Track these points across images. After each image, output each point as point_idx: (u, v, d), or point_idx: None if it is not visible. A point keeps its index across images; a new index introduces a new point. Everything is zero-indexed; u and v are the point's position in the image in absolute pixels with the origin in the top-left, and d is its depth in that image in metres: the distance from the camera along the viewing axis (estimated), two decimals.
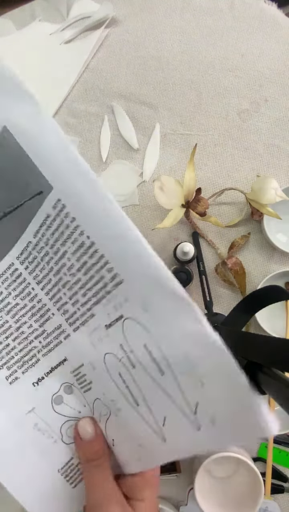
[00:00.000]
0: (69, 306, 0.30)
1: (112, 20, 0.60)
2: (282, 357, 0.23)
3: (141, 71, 0.59)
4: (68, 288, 0.30)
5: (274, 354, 0.24)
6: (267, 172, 0.57)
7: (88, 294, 0.29)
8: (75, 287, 0.29)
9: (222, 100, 0.58)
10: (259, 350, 0.26)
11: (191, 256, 0.49)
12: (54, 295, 0.31)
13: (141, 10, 0.60)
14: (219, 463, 0.51)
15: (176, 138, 0.58)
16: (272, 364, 0.26)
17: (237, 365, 0.23)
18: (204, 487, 0.50)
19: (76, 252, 0.28)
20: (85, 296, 0.29)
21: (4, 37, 0.62)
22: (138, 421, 0.29)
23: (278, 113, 0.58)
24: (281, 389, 0.24)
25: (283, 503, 0.57)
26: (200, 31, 0.59)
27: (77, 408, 0.33)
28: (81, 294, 0.29)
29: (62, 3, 0.62)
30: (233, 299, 0.57)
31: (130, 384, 0.29)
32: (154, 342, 0.27)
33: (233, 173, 0.58)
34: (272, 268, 0.57)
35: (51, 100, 0.60)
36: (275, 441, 0.56)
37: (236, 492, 0.52)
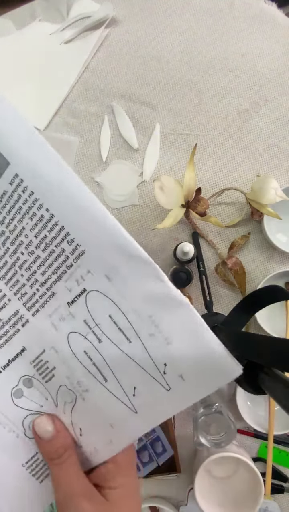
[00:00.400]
0: (27, 288, 0.29)
1: (112, 20, 0.60)
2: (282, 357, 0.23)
3: (141, 71, 0.59)
4: (26, 269, 0.29)
5: (275, 354, 0.24)
6: (267, 172, 0.57)
7: (48, 272, 0.28)
8: (34, 266, 0.28)
9: (222, 100, 0.58)
10: (259, 350, 0.26)
11: (191, 256, 0.49)
12: (11, 278, 0.29)
13: (142, 10, 0.60)
14: (219, 463, 0.51)
15: (176, 138, 0.58)
16: (272, 364, 0.26)
17: (200, 317, 0.25)
18: (204, 487, 0.50)
19: (34, 227, 0.28)
20: (45, 274, 0.28)
21: (4, 37, 0.62)
22: (108, 398, 0.28)
23: (278, 113, 0.58)
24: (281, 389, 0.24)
25: (283, 503, 0.57)
26: (200, 31, 0.59)
27: (39, 401, 0.31)
28: (40, 272, 0.29)
29: (62, 3, 0.62)
30: (233, 299, 0.57)
31: (97, 360, 0.28)
32: (119, 310, 0.27)
33: (233, 173, 0.58)
34: (272, 268, 0.57)
35: (51, 100, 0.60)
36: (275, 441, 0.56)
37: (236, 492, 0.52)
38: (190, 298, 0.53)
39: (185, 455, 0.58)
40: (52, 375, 0.30)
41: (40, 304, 0.29)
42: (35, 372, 0.31)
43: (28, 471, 0.31)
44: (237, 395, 0.54)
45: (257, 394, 0.27)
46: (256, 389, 0.27)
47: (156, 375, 0.27)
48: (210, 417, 0.47)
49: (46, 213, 0.27)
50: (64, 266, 0.28)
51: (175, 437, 0.57)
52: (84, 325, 0.28)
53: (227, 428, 0.46)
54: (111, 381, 0.28)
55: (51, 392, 0.31)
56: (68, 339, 0.29)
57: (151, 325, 0.26)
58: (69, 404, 0.30)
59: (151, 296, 0.26)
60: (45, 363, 0.30)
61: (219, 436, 0.46)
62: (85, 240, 0.27)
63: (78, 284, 0.28)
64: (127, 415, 0.28)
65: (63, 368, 0.30)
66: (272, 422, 0.54)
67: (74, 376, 0.29)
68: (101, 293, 0.28)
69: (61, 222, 0.27)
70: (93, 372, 0.29)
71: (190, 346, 0.25)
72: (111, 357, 0.28)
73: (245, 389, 0.28)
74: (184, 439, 0.58)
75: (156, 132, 0.58)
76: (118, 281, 0.27)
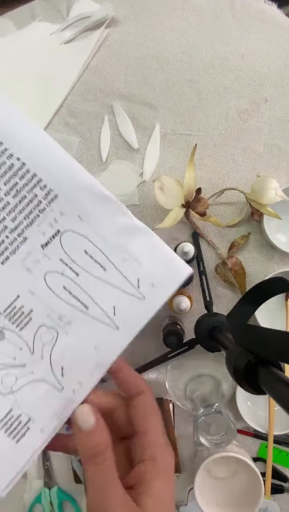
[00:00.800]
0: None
1: (112, 20, 0.60)
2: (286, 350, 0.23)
3: (141, 71, 0.59)
4: None
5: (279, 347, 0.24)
6: (267, 172, 0.57)
7: (18, 218, 0.30)
8: (3, 213, 0.30)
9: (222, 100, 0.58)
10: (264, 343, 0.26)
11: (191, 256, 0.49)
12: None
13: (142, 10, 0.60)
14: (219, 463, 0.51)
15: (176, 138, 0.58)
16: (277, 357, 0.26)
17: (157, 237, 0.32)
18: (204, 487, 0.50)
19: (4, 175, 0.29)
20: (15, 220, 0.30)
21: (4, 37, 0.62)
22: (91, 324, 0.31)
23: (278, 113, 0.58)
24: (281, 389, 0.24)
25: (283, 503, 0.57)
26: (200, 31, 0.59)
27: (12, 353, 0.31)
28: (10, 219, 0.30)
29: (62, 3, 0.62)
30: (233, 299, 0.57)
31: (76, 292, 0.31)
32: (93, 245, 0.31)
33: (233, 173, 0.58)
34: (272, 268, 0.57)
35: (51, 100, 0.60)
36: (275, 441, 0.56)
37: (236, 492, 0.52)
38: (190, 298, 0.53)
39: (185, 455, 0.58)
40: (29, 319, 0.31)
41: (11, 251, 0.30)
42: (7, 322, 0.31)
43: (3, 430, 0.30)
44: (237, 395, 0.54)
45: (257, 394, 0.27)
46: (256, 389, 0.27)
47: (132, 291, 0.32)
48: (210, 417, 0.47)
49: (17, 162, 0.29)
50: (37, 211, 0.30)
51: (175, 437, 0.57)
52: (60, 263, 0.31)
53: (227, 428, 0.46)
54: (92, 307, 0.31)
55: (27, 339, 0.31)
56: (45, 279, 0.31)
57: (123, 252, 0.31)
58: (49, 345, 0.31)
59: (119, 228, 0.31)
60: (20, 309, 0.31)
61: (219, 436, 0.46)
62: (57, 185, 0.30)
63: (51, 226, 0.30)
64: (110, 333, 0.31)
65: (42, 308, 0.31)
66: (272, 422, 0.54)
67: (55, 312, 0.31)
68: (75, 232, 0.31)
69: (33, 169, 0.29)
70: (73, 304, 0.31)
71: (155, 260, 0.32)
72: (90, 287, 0.31)
73: (245, 389, 0.28)
74: (184, 439, 0.58)
75: (155, 132, 0.58)
76: (90, 220, 0.31)
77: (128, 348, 0.33)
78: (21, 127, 0.29)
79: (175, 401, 0.55)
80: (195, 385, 0.55)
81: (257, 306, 0.34)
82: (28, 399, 0.31)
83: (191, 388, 0.54)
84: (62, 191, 0.30)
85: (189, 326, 0.56)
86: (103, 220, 0.31)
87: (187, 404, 0.54)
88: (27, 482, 0.59)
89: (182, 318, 0.57)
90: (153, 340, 0.57)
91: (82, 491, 0.57)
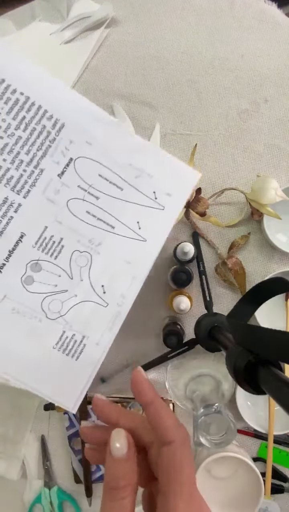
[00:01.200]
0: (13, 171, 0.30)
1: (112, 20, 0.60)
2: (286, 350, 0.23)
3: (141, 71, 0.59)
4: (8, 152, 0.30)
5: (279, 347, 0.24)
6: (267, 172, 0.57)
7: (32, 150, 0.31)
8: (16, 147, 0.30)
9: (222, 100, 0.58)
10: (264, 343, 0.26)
11: (191, 256, 0.49)
12: None
13: (142, 10, 0.60)
14: (219, 463, 0.51)
15: (176, 138, 0.58)
16: (277, 357, 0.26)
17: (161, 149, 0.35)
18: (204, 487, 0.50)
19: (11, 111, 0.30)
20: (30, 152, 0.31)
21: (4, 37, 0.62)
22: (120, 241, 0.33)
23: (278, 113, 0.58)
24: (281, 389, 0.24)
25: (283, 503, 0.57)
26: (200, 31, 0.59)
27: (52, 281, 0.32)
28: (24, 152, 0.31)
29: (62, 3, 0.62)
30: (233, 299, 0.57)
31: (100, 214, 0.33)
32: (105, 168, 0.33)
33: (233, 173, 0.58)
34: (272, 268, 0.57)
35: None
36: (275, 441, 0.56)
37: (236, 492, 0.52)
38: (190, 298, 0.53)
39: None
40: (62, 247, 0.32)
41: (30, 184, 0.31)
42: (41, 253, 0.32)
43: (60, 351, 0.32)
44: (237, 395, 0.54)
45: (257, 394, 0.27)
46: (256, 389, 0.27)
47: (150, 203, 0.34)
48: (210, 417, 0.47)
49: (21, 96, 0.30)
50: (48, 141, 0.31)
51: None
52: (79, 189, 0.32)
53: (227, 428, 0.46)
54: (117, 226, 0.33)
55: (64, 266, 0.32)
56: (68, 207, 0.32)
57: (134, 170, 0.34)
58: (85, 267, 0.33)
59: (126, 149, 0.33)
60: (51, 239, 0.32)
61: (219, 436, 0.46)
62: (62, 114, 0.31)
63: (64, 155, 0.32)
64: (139, 246, 0.34)
65: (72, 235, 0.32)
66: (272, 422, 0.54)
67: (85, 236, 0.32)
68: (86, 157, 0.32)
69: (37, 102, 0.31)
70: (100, 226, 0.33)
71: (165, 172, 0.34)
72: (111, 207, 0.33)
73: (245, 389, 0.28)
74: None
75: (155, 132, 0.58)
76: (98, 144, 0.32)
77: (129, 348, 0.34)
78: (21, 63, 0.30)
79: (175, 401, 0.55)
80: (195, 385, 0.55)
81: (257, 306, 0.34)
82: (77, 319, 0.33)
83: (191, 388, 0.54)
84: (68, 119, 0.31)
85: (189, 326, 0.56)
86: (110, 143, 0.33)
87: (187, 404, 0.54)
88: (27, 482, 0.59)
89: (182, 318, 0.57)
90: (153, 340, 0.57)
91: (82, 491, 0.57)
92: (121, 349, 0.56)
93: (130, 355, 0.57)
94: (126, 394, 0.57)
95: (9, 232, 0.31)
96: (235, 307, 0.34)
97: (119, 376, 0.57)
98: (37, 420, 0.59)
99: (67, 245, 0.32)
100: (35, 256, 0.32)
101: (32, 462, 0.58)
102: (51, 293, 0.32)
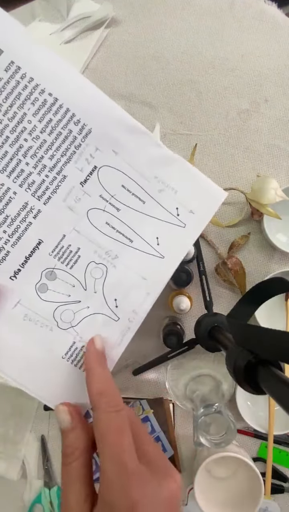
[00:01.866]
0: (35, 176, 0.29)
1: (112, 20, 0.60)
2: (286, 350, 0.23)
3: (141, 71, 0.59)
4: (31, 156, 0.29)
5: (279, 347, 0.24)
6: (267, 172, 0.57)
7: (56, 155, 0.30)
8: (40, 151, 0.29)
9: (222, 100, 0.58)
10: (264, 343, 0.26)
11: (191, 256, 0.49)
12: (14, 169, 0.29)
13: (142, 10, 0.60)
14: (219, 463, 0.51)
15: (176, 138, 0.58)
16: (276, 357, 0.26)
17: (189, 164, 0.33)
18: (204, 487, 0.50)
19: (38, 112, 0.29)
20: (53, 158, 0.30)
21: None
22: (138, 255, 0.32)
23: (278, 113, 0.58)
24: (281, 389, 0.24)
25: (283, 503, 0.57)
26: (200, 31, 0.59)
27: (66, 291, 0.32)
28: (48, 157, 0.29)
29: (62, 3, 0.62)
30: (233, 299, 0.57)
31: (119, 227, 0.32)
32: (129, 179, 0.32)
33: (233, 173, 0.58)
34: (272, 268, 0.57)
35: None
36: (275, 441, 0.56)
37: (236, 492, 0.52)
38: (190, 298, 0.53)
39: (185, 455, 0.58)
40: (78, 257, 0.31)
41: (52, 190, 0.30)
42: (57, 262, 0.31)
43: (69, 362, 0.32)
44: (237, 395, 0.54)
45: (257, 394, 0.27)
46: (256, 389, 0.27)
47: (171, 220, 0.33)
48: (210, 417, 0.47)
49: (50, 97, 0.29)
50: (73, 147, 0.30)
51: (175, 437, 0.57)
52: (100, 199, 0.31)
53: (227, 428, 0.46)
54: (136, 240, 0.32)
55: (78, 276, 0.32)
56: (88, 217, 0.31)
57: (158, 183, 0.32)
58: (100, 279, 0.32)
59: (153, 160, 0.32)
60: (68, 248, 0.31)
61: (219, 436, 0.46)
62: (90, 119, 0.30)
63: (88, 162, 0.30)
64: (156, 262, 0.33)
65: (89, 245, 0.31)
66: (272, 422, 0.54)
67: (102, 248, 0.32)
68: (111, 167, 0.31)
69: (66, 104, 0.29)
70: (118, 238, 0.32)
71: (191, 188, 0.33)
72: (131, 220, 0.32)
73: (245, 389, 0.28)
74: (184, 439, 0.58)
75: (155, 132, 0.58)
76: (124, 153, 0.31)
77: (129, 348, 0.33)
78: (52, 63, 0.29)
79: (175, 401, 0.55)
80: (195, 385, 0.55)
81: (257, 306, 0.34)
82: (88, 331, 0.32)
83: (191, 388, 0.54)
84: (96, 125, 0.30)
85: (189, 326, 0.56)
86: (137, 152, 0.31)
87: (187, 404, 0.54)
88: (27, 482, 0.59)
89: (182, 318, 0.57)
90: (153, 340, 0.57)
91: None
92: None
93: (130, 355, 0.57)
94: (126, 394, 0.57)
95: (27, 238, 0.30)
96: (235, 307, 0.34)
97: (119, 376, 0.57)
98: (37, 420, 0.59)
99: (83, 255, 0.32)
100: (51, 264, 0.31)
101: (32, 462, 0.58)
102: (64, 303, 0.32)
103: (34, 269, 0.31)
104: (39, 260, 0.31)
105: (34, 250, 0.30)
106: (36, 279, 0.31)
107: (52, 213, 0.30)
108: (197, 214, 0.33)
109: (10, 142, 0.28)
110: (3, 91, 0.28)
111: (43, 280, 0.31)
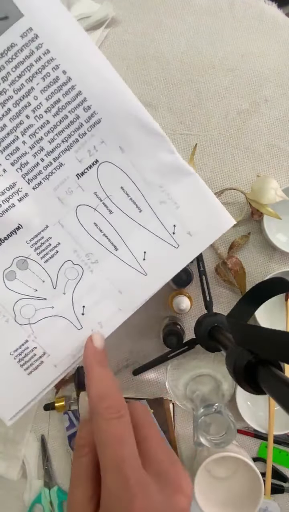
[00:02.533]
0: (30, 157, 0.27)
1: (112, 20, 0.60)
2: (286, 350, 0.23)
3: (141, 71, 0.59)
4: (30, 135, 0.27)
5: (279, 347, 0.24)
6: (267, 172, 0.57)
7: (57, 140, 0.27)
8: (40, 132, 0.27)
9: (222, 100, 0.58)
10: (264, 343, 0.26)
11: None
12: (9, 145, 0.27)
13: (142, 10, 0.60)
14: (219, 463, 0.51)
15: (176, 138, 0.58)
16: (276, 357, 0.26)
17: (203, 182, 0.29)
18: (204, 487, 0.50)
19: (47, 89, 0.26)
20: (53, 142, 0.27)
21: None
22: (119, 266, 0.30)
23: (278, 113, 0.58)
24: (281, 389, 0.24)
25: (283, 503, 0.57)
26: (200, 31, 0.59)
27: (34, 285, 0.29)
28: (47, 140, 0.27)
29: (62, 3, 0.62)
30: (233, 299, 0.57)
31: (107, 231, 0.29)
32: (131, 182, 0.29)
33: (233, 173, 0.58)
34: (272, 268, 0.57)
35: None
36: (275, 441, 0.56)
37: (236, 492, 0.52)
38: (190, 298, 0.53)
39: (185, 455, 0.58)
40: (56, 252, 0.29)
41: (44, 176, 0.28)
42: (32, 252, 0.29)
43: (16, 360, 0.29)
44: (237, 395, 0.54)
45: (257, 394, 0.27)
46: (256, 389, 0.27)
47: (165, 237, 0.30)
48: (210, 417, 0.47)
49: (63, 75, 0.26)
50: (77, 134, 0.27)
51: (175, 437, 0.57)
52: (94, 197, 0.29)
53: (227, 428, 0.46)
54: (121, 248, 0.29)
55: (51, 273, 0.29)
56: (76, 212, 0.29)
57: (161, 194, 0.29)
58: (73, 281, 0.29)
59: (161, 167, 0.29)
60: (47, 240, 0.29)
61: (219, 436, 0.46)
62: (102, 108, 0.27)
63: (90, 154, 0.28)
64: (137, 278, 0.29)
65: (70, 243, 0.29)
66: (272, 422, 0.54)
67: (83, 249, 0.29)
68: (114, 164, 0.28)
69: (78, 86, 0.26)
70: (103, 243, 0.29)
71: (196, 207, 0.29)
72: (122, 227, 0.29)
73: (245, 389, 0.28)
74: (184, 439, 0.58)
75: None
76: (131, 153, 0.28)
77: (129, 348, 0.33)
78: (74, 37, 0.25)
79: (175, 401, 0.55)
80: (195, 385, 0.55)
81: (257, 306, 0.34)
82: (45, 333, 0.30)
83: (191, 388, 0.54)
84: (107, 115, 0.27)
85: (189, 326, 0.56)
86: (146, 155, 0.28)
87: (187, 404, 0.54)
88: (27, 482, 0.59)
89: (182, 318, 0.57)
90: (152, 340, 0.57)
91: None
92: (121, 349, 0.56)
93: (130, 355, 0.57)
94: (126, 394, 0.57)
95: (6, 219, 0.28)
96: (235, 307, 0.34)
97: (119, 376, 0.57)
98: (37, 420, 0.59)
99: (62, 252, 0.29)
100: (25, 253, 0.29)
101: (32, 462, 0.58)
102: (28, 296, 0.29)
103: (6, 254, 0.29)
104: (14, 246, 0.29)
105: (11, 234, 0.28)
106: (6, 264, 0.29)
107: (39, 200, 0.28)
108: (194, 238, 0.30)
109: (11, 116, 0.26)
110: (14, 58, 0.25)
111: (13, 267, 0.29)
